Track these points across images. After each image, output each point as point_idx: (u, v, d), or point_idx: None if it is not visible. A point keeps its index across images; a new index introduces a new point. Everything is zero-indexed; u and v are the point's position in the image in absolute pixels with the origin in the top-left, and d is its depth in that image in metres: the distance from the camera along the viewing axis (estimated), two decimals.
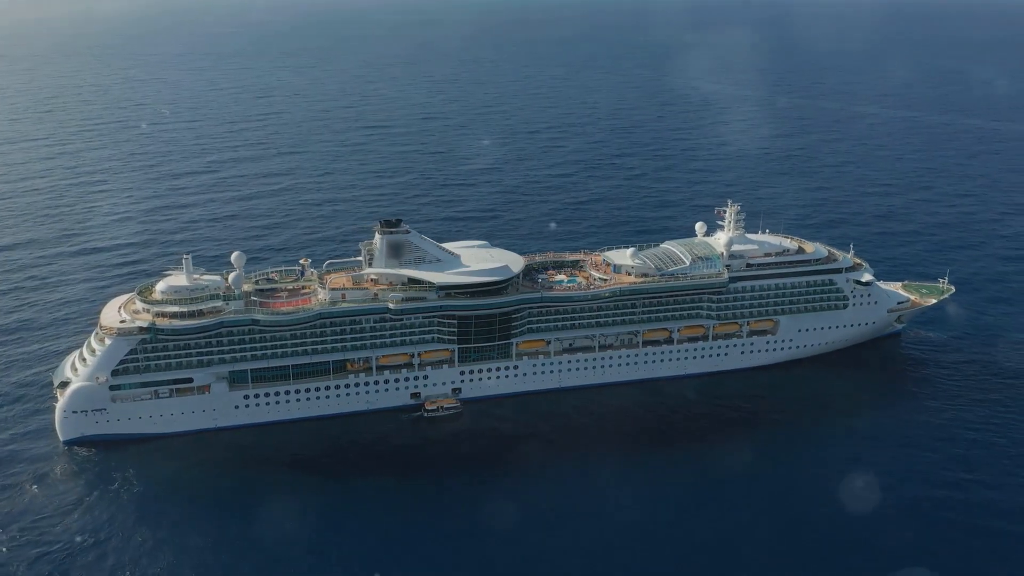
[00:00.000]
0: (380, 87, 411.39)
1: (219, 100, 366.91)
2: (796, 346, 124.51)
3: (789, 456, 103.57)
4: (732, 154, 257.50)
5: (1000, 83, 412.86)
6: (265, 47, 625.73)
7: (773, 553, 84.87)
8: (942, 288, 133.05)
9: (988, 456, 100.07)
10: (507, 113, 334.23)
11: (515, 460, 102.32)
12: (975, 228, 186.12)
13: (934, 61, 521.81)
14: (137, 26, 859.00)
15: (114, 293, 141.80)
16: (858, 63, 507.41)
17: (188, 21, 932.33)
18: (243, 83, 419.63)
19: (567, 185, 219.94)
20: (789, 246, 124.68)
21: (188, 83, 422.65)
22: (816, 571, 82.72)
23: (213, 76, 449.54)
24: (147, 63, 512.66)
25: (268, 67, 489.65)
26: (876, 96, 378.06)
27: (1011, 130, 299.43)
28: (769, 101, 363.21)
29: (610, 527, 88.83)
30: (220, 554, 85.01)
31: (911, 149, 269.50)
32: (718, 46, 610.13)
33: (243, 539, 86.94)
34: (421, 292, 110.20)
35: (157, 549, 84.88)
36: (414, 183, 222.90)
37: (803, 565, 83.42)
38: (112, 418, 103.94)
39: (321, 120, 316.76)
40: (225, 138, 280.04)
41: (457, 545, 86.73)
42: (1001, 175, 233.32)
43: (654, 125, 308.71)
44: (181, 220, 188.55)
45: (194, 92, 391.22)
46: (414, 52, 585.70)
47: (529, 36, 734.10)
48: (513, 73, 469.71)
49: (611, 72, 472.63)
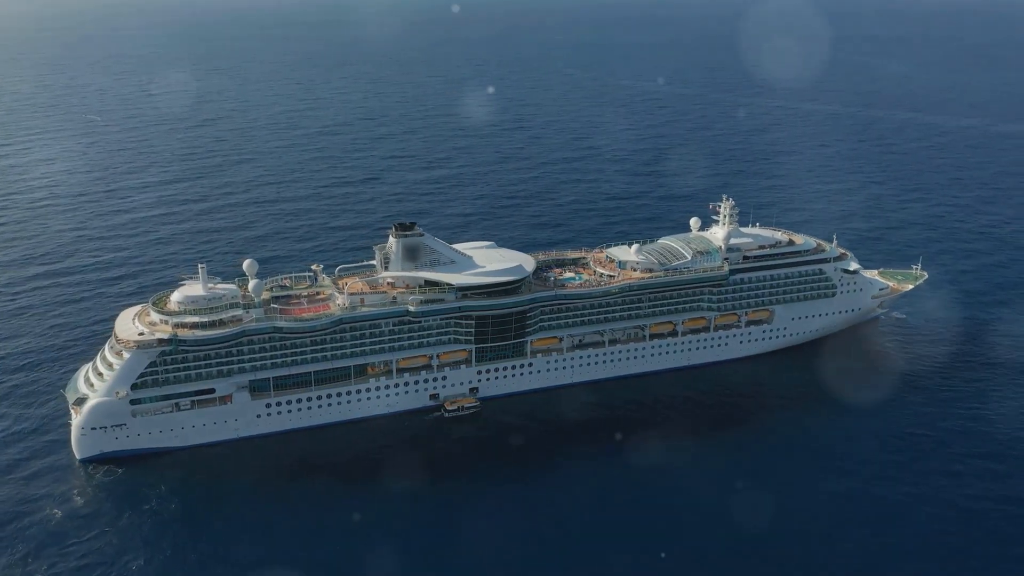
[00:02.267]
0: (316, 89, 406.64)
1: (153, 105, 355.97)
2: (790, 334, 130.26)
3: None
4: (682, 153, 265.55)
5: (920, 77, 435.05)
6: (185, 49, 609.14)
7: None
8: (915, 274, 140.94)
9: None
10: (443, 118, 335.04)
11: (547, 455, 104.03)
12: (913, 217, 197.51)
13: (851, 57, 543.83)
14: (38, 28, 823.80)
15: (106, 306, 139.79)
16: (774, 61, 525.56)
17: (92, 21, 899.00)
18: (174, 87, 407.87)
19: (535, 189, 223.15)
20: (781, 238, 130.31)
21: (115, 88, 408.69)
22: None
23: (141, 80, 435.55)
24: (62, 68, 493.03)
25: (194, 70, 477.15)
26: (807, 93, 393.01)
27: (934, 123, 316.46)
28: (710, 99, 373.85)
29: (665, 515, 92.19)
30: (275, 566, 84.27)
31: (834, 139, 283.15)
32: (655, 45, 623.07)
33: (295, 549, 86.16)
34: (439, 294, 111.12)
35: (208, 567, 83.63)
36: (395, 187, 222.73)
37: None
38: (132, 433, 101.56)
39: (270, 126, 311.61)
40: (173, 145, 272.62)
41: (513, 542, 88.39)
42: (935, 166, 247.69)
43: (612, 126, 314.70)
44: (141, 229, 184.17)
45: (124, 97, 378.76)
46: (331, 52, 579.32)
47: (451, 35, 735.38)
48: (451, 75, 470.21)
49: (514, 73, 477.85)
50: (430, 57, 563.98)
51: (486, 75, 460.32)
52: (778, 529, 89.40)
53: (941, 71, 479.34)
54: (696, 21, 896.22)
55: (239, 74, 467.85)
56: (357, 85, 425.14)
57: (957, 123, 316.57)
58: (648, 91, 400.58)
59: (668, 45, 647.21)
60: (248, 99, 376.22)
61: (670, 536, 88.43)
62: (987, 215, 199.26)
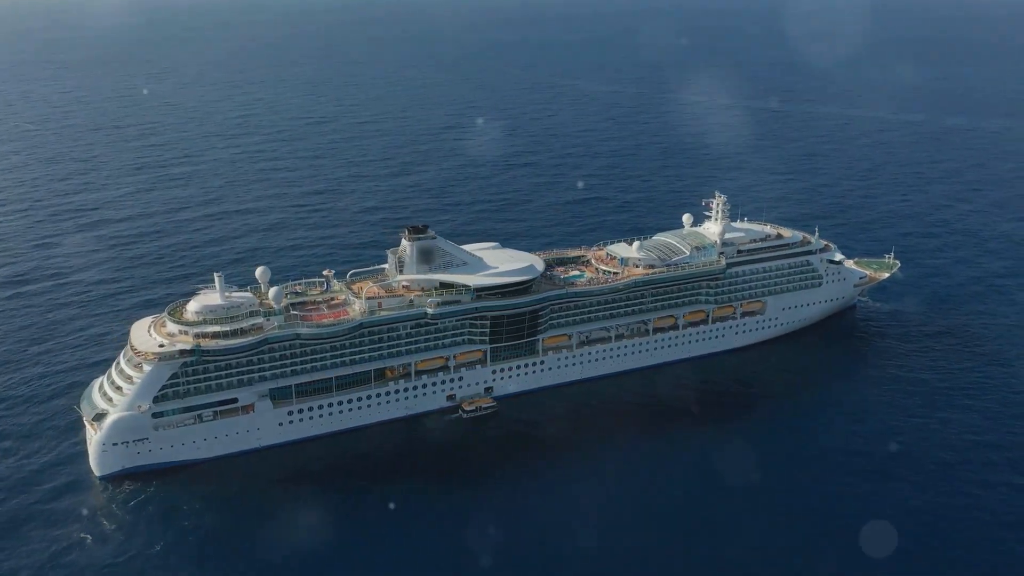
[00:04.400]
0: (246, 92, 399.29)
1: (84, 111, 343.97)
2: (781, 323, 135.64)
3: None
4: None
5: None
6: (113, 52, 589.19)
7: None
8: (889, 263, 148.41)
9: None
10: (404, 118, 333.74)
11: (571, 451, 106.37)
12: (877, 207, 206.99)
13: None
14: None
15: (105, 318, 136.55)
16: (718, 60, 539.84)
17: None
18: (103, 92, 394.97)
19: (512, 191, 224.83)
20: (770, 232, 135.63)
21: (41, 94, 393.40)
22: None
23: (65, 85, 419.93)
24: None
25: (124, 73, 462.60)
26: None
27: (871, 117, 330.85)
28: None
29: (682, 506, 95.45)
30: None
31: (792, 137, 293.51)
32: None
33: (348, 559, 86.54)
34: (455, 295, 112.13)
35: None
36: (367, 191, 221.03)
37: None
38: (155, 447, 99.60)
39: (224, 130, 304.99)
40: (124, 153, 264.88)
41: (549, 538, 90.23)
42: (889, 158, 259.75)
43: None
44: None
45: (53, 104, 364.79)
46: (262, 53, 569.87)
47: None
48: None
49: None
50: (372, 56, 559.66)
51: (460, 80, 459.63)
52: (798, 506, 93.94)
53: (865, 66, 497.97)
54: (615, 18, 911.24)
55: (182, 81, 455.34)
56: (292, 89, 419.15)
57: (866, 115, 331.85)
58: (587, 89, 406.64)
59: (591, 42, 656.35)
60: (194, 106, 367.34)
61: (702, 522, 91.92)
62: (938, 204, 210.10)
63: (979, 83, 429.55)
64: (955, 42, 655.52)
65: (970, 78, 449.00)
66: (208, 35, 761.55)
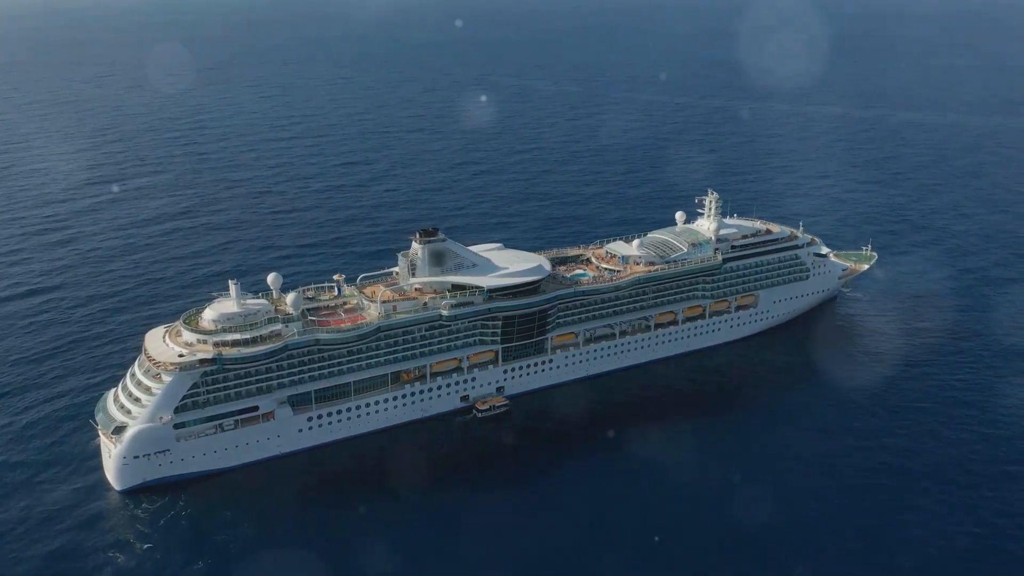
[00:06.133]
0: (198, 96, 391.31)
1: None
2: (772, 316, 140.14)
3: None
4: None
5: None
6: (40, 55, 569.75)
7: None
8: (867, 255, 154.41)
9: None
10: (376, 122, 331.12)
11: (588, 445, 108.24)
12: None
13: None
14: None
15: (109, 329, 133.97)
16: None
17: None
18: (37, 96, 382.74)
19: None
20: (760, 227, 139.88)
21: None
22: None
23: None
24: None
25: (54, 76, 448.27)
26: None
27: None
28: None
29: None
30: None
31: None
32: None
33: (394, 562, 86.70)
34: (468, 297, 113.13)
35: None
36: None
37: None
38: (176, 458, 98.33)
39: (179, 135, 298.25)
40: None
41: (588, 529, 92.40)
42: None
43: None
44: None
45: None
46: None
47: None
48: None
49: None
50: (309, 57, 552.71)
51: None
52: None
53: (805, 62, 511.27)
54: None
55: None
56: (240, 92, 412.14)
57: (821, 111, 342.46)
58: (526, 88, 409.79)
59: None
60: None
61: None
62: (889, 196, 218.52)
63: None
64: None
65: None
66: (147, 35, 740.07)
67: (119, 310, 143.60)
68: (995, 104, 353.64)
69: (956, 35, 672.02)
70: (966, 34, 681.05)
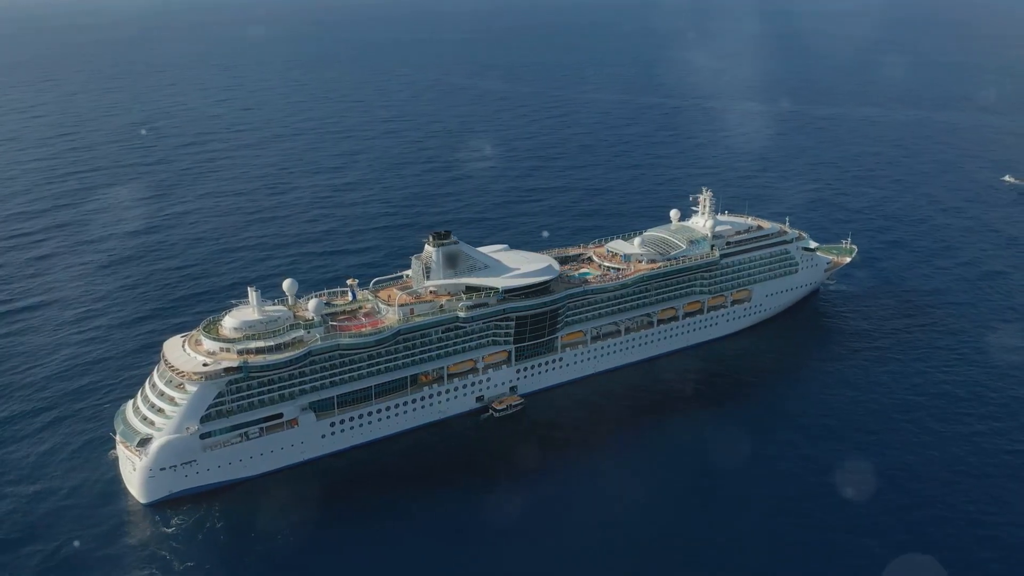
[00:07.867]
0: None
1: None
2: (765, 309, 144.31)
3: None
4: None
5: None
6: None
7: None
8: (847, 248, 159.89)
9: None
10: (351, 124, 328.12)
11: (603, 440, 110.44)
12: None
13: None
14: None
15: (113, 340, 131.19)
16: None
17: None
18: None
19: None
20: (751, 224, 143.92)
21: None
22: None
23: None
24: None
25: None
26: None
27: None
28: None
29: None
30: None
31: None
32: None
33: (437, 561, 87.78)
34: (483, 298, 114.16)
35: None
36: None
37: None
38: (202, 469, 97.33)
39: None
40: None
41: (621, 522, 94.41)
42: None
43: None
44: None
45: None
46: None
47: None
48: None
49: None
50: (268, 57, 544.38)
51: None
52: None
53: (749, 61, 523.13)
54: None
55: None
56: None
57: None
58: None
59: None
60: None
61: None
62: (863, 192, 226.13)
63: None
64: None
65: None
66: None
67: (120, 325, 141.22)
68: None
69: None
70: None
